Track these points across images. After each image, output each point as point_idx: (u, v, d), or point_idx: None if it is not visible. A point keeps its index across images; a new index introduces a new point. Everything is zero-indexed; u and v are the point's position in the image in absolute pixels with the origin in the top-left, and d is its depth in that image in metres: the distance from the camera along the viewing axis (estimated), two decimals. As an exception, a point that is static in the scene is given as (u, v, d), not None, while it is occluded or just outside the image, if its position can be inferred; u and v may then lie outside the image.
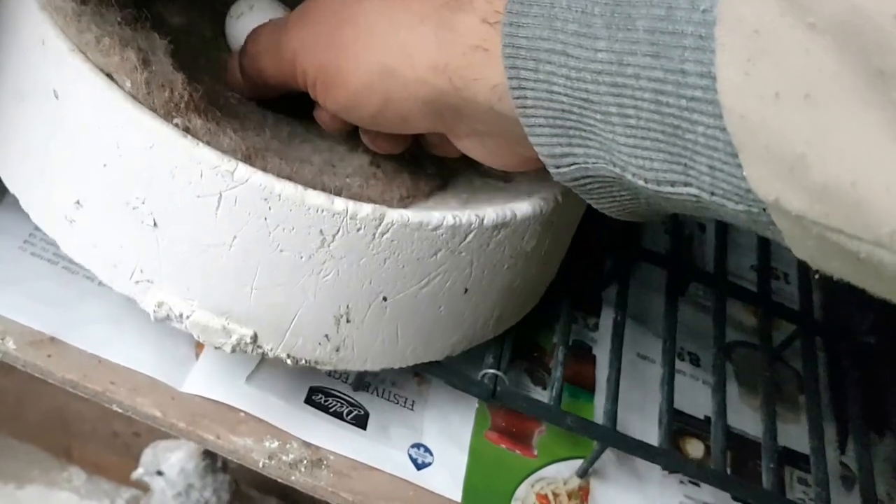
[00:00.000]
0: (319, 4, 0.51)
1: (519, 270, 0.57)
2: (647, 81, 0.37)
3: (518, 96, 0.43)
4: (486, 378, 0.59)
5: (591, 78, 0.39)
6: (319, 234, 0.49)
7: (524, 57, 0.42)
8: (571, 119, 0.41)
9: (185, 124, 0.48)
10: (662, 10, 0.36)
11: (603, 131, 0.40)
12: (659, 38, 0.36)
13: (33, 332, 0.56)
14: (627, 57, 0.37)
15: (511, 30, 0.42)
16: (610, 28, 0.38)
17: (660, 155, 0.38)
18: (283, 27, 0.52)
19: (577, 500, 0.62)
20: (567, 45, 0.40)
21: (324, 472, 0.57)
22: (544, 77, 0.41)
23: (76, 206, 0.50)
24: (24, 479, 1.12)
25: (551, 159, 0.44)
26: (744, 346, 0.77)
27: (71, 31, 0.49)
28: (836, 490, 0.69)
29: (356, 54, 0.48)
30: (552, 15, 0.40)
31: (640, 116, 0.38)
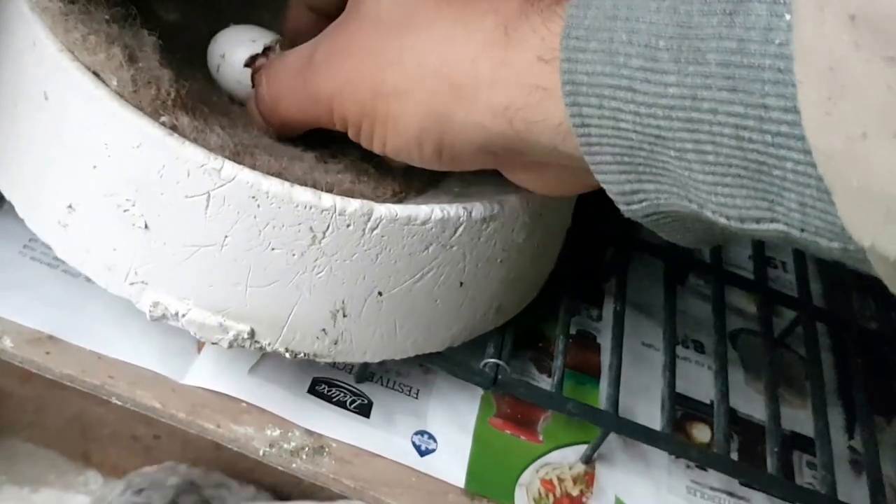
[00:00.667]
0: (352, 40, 0.49)
1: (514, 263, 0.57)
2: (726, 116, 0.35)
3: (582, 134, 0.41)
4: (488, 367, 0.59)
5: (663, 114, 0.37)
6: (310, 230, 0.49)
7: (586, 94, 0.40)
8: (641, 156, 0.40)
9: (172, 122, 0.48)
10: (734, 42, 0.34)
11: (677, 168, 0.38)
12: (734, 71, 0.34)
13: (32, 331, 0.57)
14: (702, 91, 0.35)
15: (570, 66, 0.40)
16: (679, 62, 0.36)
17: (742, 192, 0.36)
18: (308, 66, 0.50)
19: (582, 485, 0.62)
20: (633, 81, 0.38)
21: (325, 459, 0.57)
22: (609, 114, 0.39)
23: (69, 211, 0.51)
24: (41, 482, 1.12)
25: (621, 196, 0.43)
26: (746, 332, 0.77)
27: (59, 31, 0.49)
28: (845, 474, 0.69)
29: (409, 98, 0.46)
30: (612, 50, 0.38)
31: (720, 153, 0.36)
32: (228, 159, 0.48)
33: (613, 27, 0.38)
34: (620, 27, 0.38)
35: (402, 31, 0.47)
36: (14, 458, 1.13)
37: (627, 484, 0.64)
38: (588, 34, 0.39)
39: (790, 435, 0.71)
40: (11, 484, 1.12)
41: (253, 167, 0.49)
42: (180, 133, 0.48)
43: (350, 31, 0.49)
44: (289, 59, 0.52)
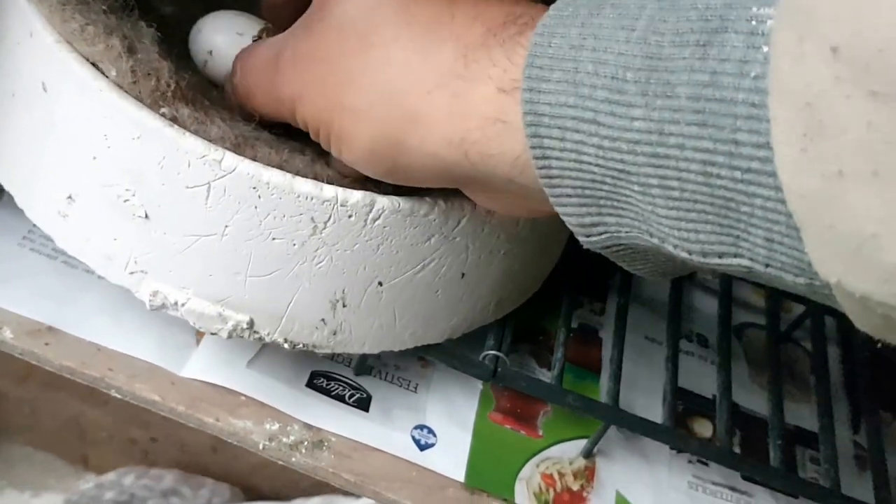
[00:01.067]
0: (315, 46, 0.48)
1: (516, 255, 0.57)
2: (694, 152, 0.34)
3: (542, 166, 0.40)
4: (487, 359, 0.59)
5: (628, 148, 0.36)
6: (311, 221, 0.49)
7: (548, 125, 0.39)
8: (603, 189, 0.39)
9: (173, 113, 0.48)
10: (706, 75, 0.33)
11: (640, 202, 0.38)
12: (705, 105, 0.33)
13: (31, 323, 0.57)
14: (670, 126, 0.34)
15: (531, 96, 0.39)
16: (646, 95, 0.35)
17: (707, 227, 0.35)
18: (275, 65, 0.50)
19: (582, 480, 0.62)
20: (598, 113, 0.37)
21: (325, 453, 0.57)
22: (572, 146, 0.38)
23: (68, 201, 0.51)
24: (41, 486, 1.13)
25: (580, 228, 0.42)
26: (752, 327, 0.77)
27: (56, 21, 0.49)
28: (849, 469, 0.69)
29: (362, 118, 0.46)
30: (577, 81, 0.37)
31: (685, 188, 0.35)
32: (229, 150, 0.48)
33: (579, 57, 0.38)
34: (586, 57, 0.37)
35: (361, 46, 0.46)
36: (13, 461, 1.13)
37: (628, 479, 0.64)
38: (552, 63, 0.39)
39: (793, 430, 0.71)
40: (12, 488, 1.13)
41: (254, 159, 0.48)
42: (180, 124, 0.48)
43: (314, 35, 0.48)
44: (260, 52, 0.52)
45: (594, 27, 0.37)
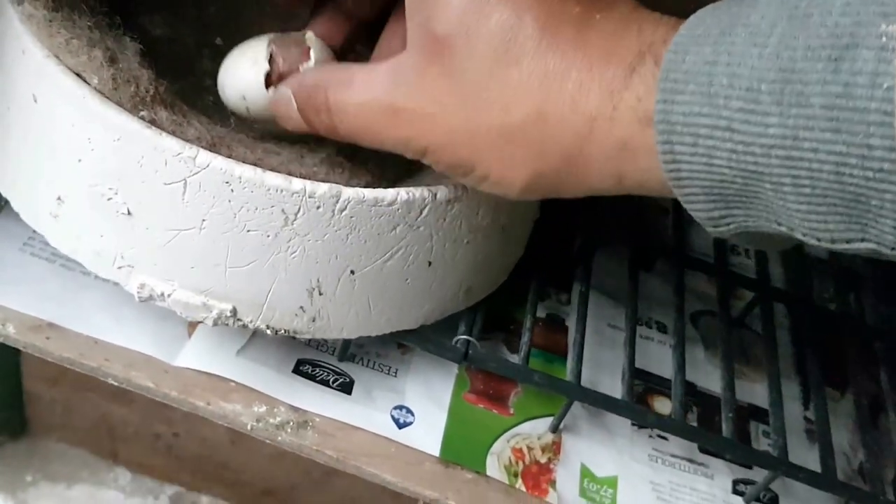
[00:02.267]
0: (450, 95, 0.44)
1: (480, 245, 0.56)
2: (827, 155, 0.34)
3: (672, 170, 0.40)
4: (459, 343, 0.58)
5: (762, 152, 0.36)
6: (282, 213, 0.48)
7: (680, 132, 0.39)
8: (733, 188, 0.39)
9: (151, 116, 0.47)
10: (839, 87, 0.33)
11: (771, 198, 0.38)
12: (838, 113, 0.34)
13: (33, 319, 0.56)
14: (804, 132, 0.35)
15: (665, 106, 0.39)
16: (781, 104, 0.35)
17: (836, 217, 0.36)
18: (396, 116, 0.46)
19: (550, 454, 0.61)
20: (732, 121, 0.37)
21: (309, 432, 0.56)
22: (704, 151, 0.38)
23: (58, 203, 0.50)
24: (74, 479, 1.13)
25: (709, 220, 0.42)
26: (708, 314, 0.75)
27: (43, 36, 0.48)
28: (800, 442, 0.68)
29: (513, 167, 0.45)
30: (712, 92, 0.37)
31: (817, 186, 0.36)
32: (204, 149, 0.47)
33: (713, 71, 0.37)
34: (721, 71, 0.37)
35: (503, 99, 0.43)
36: (48, 457, 1.13)
37: (592, 452, 0.62)
38: (686, 77, 0.38)
39: (748, 407, 0.69)
40: (47, 481, 1.12)
41: (229, 157, 0.48)
42: (158, 126, 0.47)
43: (439, 85, 0.45)
44: (357, 94, 0.47)
45: (727, 44, 0.37)
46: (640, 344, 0.69)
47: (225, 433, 1.06)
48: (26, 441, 1.14)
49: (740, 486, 0.64)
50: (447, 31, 0.43)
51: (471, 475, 0.58)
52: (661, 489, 0.62)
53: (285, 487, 1.13)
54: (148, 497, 1.13)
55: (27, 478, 1.11)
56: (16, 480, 1.11)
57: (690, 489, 0.63)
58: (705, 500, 0.63)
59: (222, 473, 1.12)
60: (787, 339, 0.77)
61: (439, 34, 0.44)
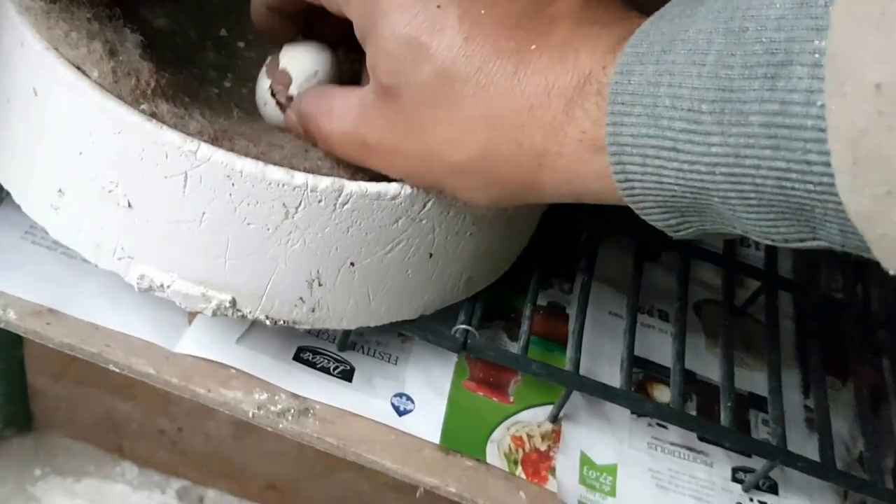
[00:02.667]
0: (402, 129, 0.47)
1: (483, 236, 0.57)
2: (769, 171, 0.35)
3: (626, 187, 0.42)
4: (458, 333, 0.59)
5: (707, 170, 0.37)
6: (283, 206, 0.49)
7: (630, 153, 0.40)
8: (684, 201, 0.40)
9: (152, 109, 0.48)
10: (776, 105, 0.34)
11: (722, 209, 0.39)
12: (777, 131, 0.34)
13: (34, 305, 0.57)
14: (745, 150, 0.35)
15: (615, 129, 0.40)
16: (721, 124, 0.36)
17: (785, 222, 0.37)
18: (365, 147, 0.49)
19: (549, 441, 0.62)
20: (677, 142, 0.38)
21: (310, 419, 0.57)
22: (653, 171, 0.40)
23: (59, 195, 0.51)
24: (81, 473, 1.13)
25: (667, 228, 0.43)
26: (711, 303, 0.76)
27: (42, 28, 0.49)
28: (801, 431, 0.69)
29: (473, 181, 0.47)
30: (657, 114, 0.38)
31: (762, 198, 0.36)
32: (205, 142, 0.48)
33: (657, 93, 0.38)
34: (664, 93, 0.38)
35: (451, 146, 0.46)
36: (54, 452, 1.14)
37: (592, 440, 0.63)
38: (633, 99, 0.39)
39: (748, 395, 0.70)
40: (55, 475, 1.13)
41: (231, 151, 0.48)
42: (159, 119, 0.48)
43: (396, 127, 0.47)
44: (336, 121, 0.50)
45: (668, 63, 0.38)
46: (641, 332, 0.70)
47: (228, 428, 1.07)
48: (32, 436, 1.15)
49: (739, 474, 0.65)
50: (389, 81, 0.46)
51: (471, 462, 0.59)
52: (661, 477, 0.63)
53: (289, 482, 1.14)
54: (155, 490, 1.14)
55: (36, 472, 1.12)
56: (24, 474, 1.12)
57: (690, 477, 0.64)
58: (705, 488, 0.63)
59: (227, 468, 1.13)
60: (790, 329, 0.77)
61: (384, 83, 0.46)
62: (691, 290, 0.72)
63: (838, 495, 0.66)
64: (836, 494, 0.66)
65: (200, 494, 1.16)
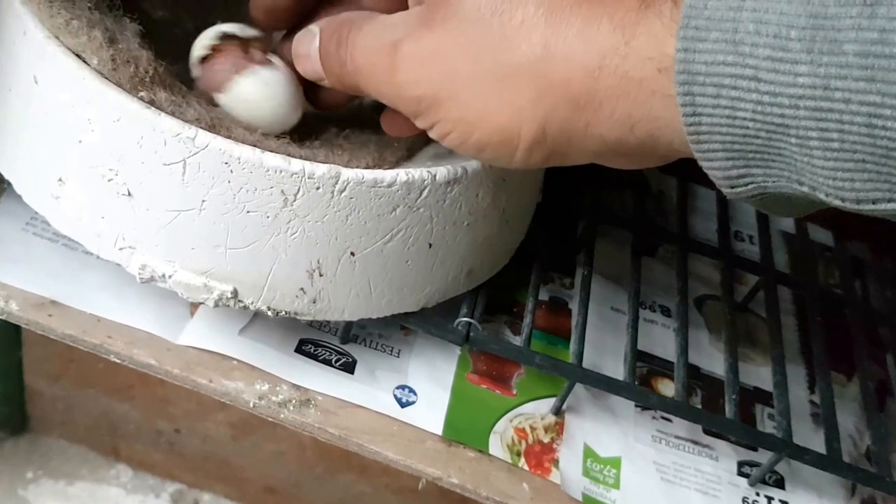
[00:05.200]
0: (451, 43, 0.44)
1: (480, 227, 0.58)
2: (860, 105, 0.34)
3: (692, 123, 0.39)
4: (460, 325, 0.60)
5: (790, 103, 0.36)
6: (281, 194, 0.50)
7: (702, 83, 0.38)
8: (755, 143, 0.38)
9: (151, 97, 0.49)
10: (875, 33, 0.32)
11: (795, 154, 0.37)
12: (874, 61, 0.33)
13: (36, 297, 0.58)
14: (836, 81, 0.34)
15: (686, 55, 0.38)
16: (811, 52, 0.34)
17: (864, 175, 0.35)
18: (393, 57, 0.46)
19: (553, 434, 0.62)
20: (759, 70, 0.36)
21: (311, 410, 0.58)
22: (727, 103, 0.37)
23: (59, 184, 0.52)
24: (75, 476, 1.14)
25: (726, 181, 0.41)
26: (712, 298, 0.77)
27: (44, 17, 0.50)
28: (807, 426, 0.70)
29: (519, 113, 0.44)
30: (737, 40, 0.36)
31: (846, 139, 0.35)
32: (203, 129, 0.49)
33: (738, 17, 0.36)
34: (747, 17, 0.36)
35: (508, 41, 0.43)
36: (49, 454, 1.14)
37: (596, 433, 0.64)
38: (709, 24, 0.37)
39: (752, 390, 0.71)
40: (48, 478, 1.14)
41: (228, 138, 0.49)
42: (157, 107, 0.49)
43: (439, 32, 0.45)
44: (369, 32, 0.48)
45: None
46: (644, 327, 0.71)
47: (227, 429, 1.07)
48: (27, 438, 1.16)
49: (745, 468, 0.66)
50: None
51: (473, 454, 0.60)
52: (666, 470, 0.64)
53: (288, 484, 1.14)
54: (149, 494, 1.15)
55: (28, 475, 1.13)
56: (16, 477, 1.13)
57: (695, 470, 0.64)
58: (710, 482, 0.64)
59: (224, 470, 1.13)
60: (792, 324, 0.79)
61: None
62: (690, 285, 0.72)
63: (846, 490, 0.66)
64: (844, 489, 0.66)
65: (196, 498, 1.17)
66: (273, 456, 1.10)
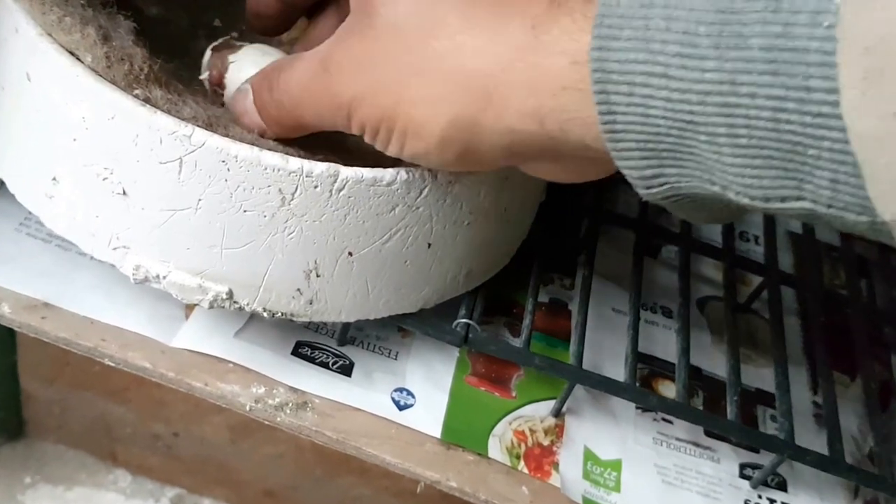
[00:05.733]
0: (370, 48, 0.46)
1: (481, 226, 0.57)
2: (765, 100, 0.34)
3: (607, 121, 0.39)
4: (459, 326, 0.59)
5: (698, 99, 0.36)
6: (279, 192, 0.49)
7: (616, 81, 0.38)
8: (667, 141, 0.38)
9: (146, 95, 0.48)
10: (779, 27, 0.33)
11: (705, 151, 0.37)
12: (778, 55, 0.33)
13: (28, 299, 0.57)
14: (741, 76, 0.34)
15: (600, 54, 0.38)
16: (719, 48, 0.35)
17: (771, 172, 0.36)
18: (324, 73, 0.47)
19: (552, 436, 0.62)
20: (669, 67, 0.36)
21: (308, 413, 0.57)
22: (640, 101, 0.38)
23: (53, 183, 0.51)
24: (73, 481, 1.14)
25: (641, 181, 0.41)
26: (714, 299, 0.76)
27: (36, 14, 0.49)
28: (810, 427, 0.69)
29: (433, 106, 0.44)
30: (648, 37, 0.37)
31: (753, 135, 0.35)
32: (200, 128, 0.48)
33: (649, 14, 0.37)
34: (657, 14, 0.37)
35: (424, 39, 0.44)
36: (46, 459, 1.14)
37: (596, 435, 0.63)
38: (622, 22, 0.38)
39: (755, 391, 0.70)
40: (46, 483, 1.13)
41: (226, 136, 0.48)
42: (153, 104, 0.48)
43: (366, 38, 0.46)
44: (300, 65, 0.49)
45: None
46: (645, 328, 0.70)
47: (225, 432, 1.07)
48: (24, 442, 1.15)
49: (747, 471, 0.65)
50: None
51: (472, 457, 0.59)
52: (667, 472, 0.63)
53: (286, 488, 1.14)
54: (148, 499, 1.14)
55: (25, 480, 1.12)
56: (14, 483, 1.12)
57: (696, 473, 0.64)
58: (712, 484, 0.63)
59: (223, 474, 1.13)
60: (795, 325, 0.78)
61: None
62: (693, 286, 0.72)
63: (848, 491, 0.66)
64: (847, 490, 0.66)
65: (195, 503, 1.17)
66: (272, 459, 1.10)
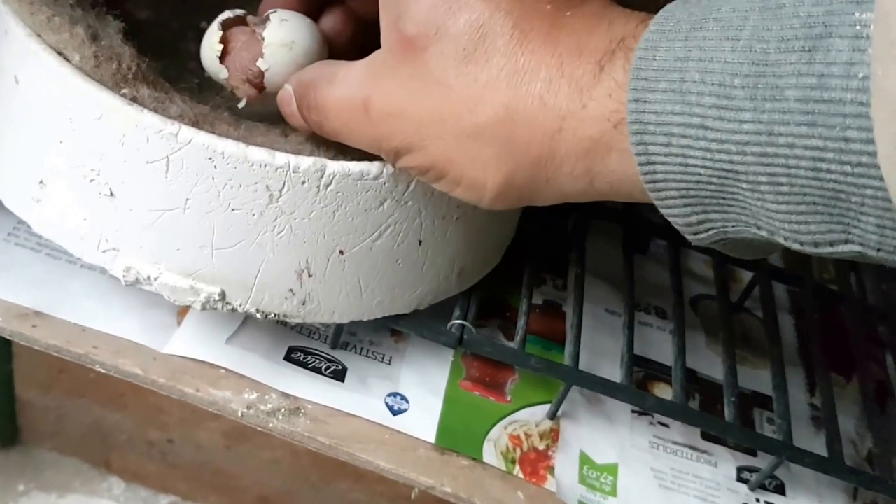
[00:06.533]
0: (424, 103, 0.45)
1: (470, 222, 0.56)
2: (804, 150, 0.34)
3: (647, 172, 0.40)
4: (454, 328, 0.58)
5: (737, 149, 0.36)
6: (266, 189, 0.48)
7: (653, 132, 0.39)
8: (709, 189, 0.39)
9: (133, 94, 0.48)
10: (813, 78, 0.33)
11: (748, 199, 0.38)
12: (814, 106, 0.33)
13: (19, 308, 0.56)
14: (779, 127, 0.34)
15: (637, 105, 0.39)
16: (755, 99, 0.35)
17: (817, 217, 0.36)
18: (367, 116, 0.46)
19: (548, 440, 0.61)
20: (705, 119, 0.37)
21: (301, 419, 0.56)
22: (678, 151, 0.38)
23: (40, 186, 0.50)
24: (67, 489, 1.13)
25: (687, 227, 0.42)
26: (707, 298, 0.76)
27: (24, 14, 0.49)
28: (806, 429, 0.68)
29: (483, 169, 0.45)
30: (684, 90, 0.37)
31: (795, 183, 0.35)
32: (187, 125, 0.47)
33: (685, 68, 0.37)
34: (693, 67, 0.37)
35: (476, 105, 0.44)
36: (40, 466, 1.13)
37: (592, 439, 0.62)
38: (658, 75, 0.38)
39: (751, 394, 0.69)
40: (39, 490, 1.12)
41: (212, 133, 0.48)
42: (140, 103, 0.47)
43: (413, 92, 0.45)
44: (336, 92, 0.48)
45: (698, 39, 0.37)
46: (640, 330, 0.69)
47: (220, 438, 1.06)
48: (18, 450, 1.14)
49: (745, 474, 0.64)
50: (416, 31, 0.44)
51: (467, 462, 0.58)
52: (663, 476, 0.62)
53: (282, 493, 1.13)
54: (143, 507, 1.14)
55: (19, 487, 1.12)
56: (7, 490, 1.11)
57: (693, 476, 0.63)
58: (709, 488, 0.62)
59: (218, 480, 1.12)
60: (789, 323, 0.77)
61: (408, 34, 0.44)
62: (685, 284, 0.71)
63: (847, 494, 0.65)
64: (846, 493, 0.65)
65: (190, 509, 1.16)
66: (267, 464, 1.09)
